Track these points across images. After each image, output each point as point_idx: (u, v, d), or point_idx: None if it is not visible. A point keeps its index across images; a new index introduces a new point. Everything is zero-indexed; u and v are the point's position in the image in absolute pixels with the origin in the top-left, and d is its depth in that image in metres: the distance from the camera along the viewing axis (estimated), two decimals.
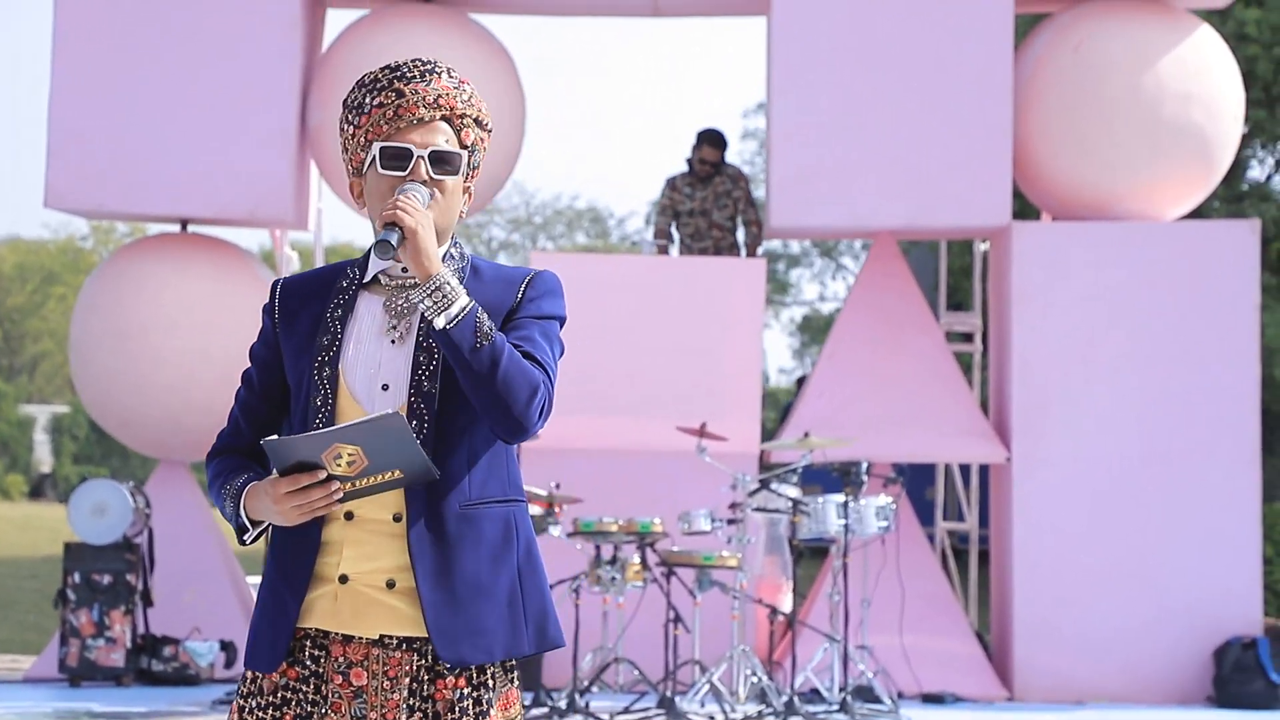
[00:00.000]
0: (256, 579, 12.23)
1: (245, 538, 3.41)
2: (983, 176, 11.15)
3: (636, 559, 9.64)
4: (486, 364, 3.27)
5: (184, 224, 11.79)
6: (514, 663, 3.46)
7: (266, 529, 3.42)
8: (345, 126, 3.49)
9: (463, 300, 3.28)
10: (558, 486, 9.81)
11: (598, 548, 9.59)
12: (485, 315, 3.30)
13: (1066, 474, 11.02)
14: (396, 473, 3.25)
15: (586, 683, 9.60)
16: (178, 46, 11.31)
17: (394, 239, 3.28)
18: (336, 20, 12.25)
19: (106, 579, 10.72)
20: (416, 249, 3.28)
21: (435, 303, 3.27)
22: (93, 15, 11.32)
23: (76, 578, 10.75)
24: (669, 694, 9.36)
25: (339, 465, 3.23)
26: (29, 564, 20.86)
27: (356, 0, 12.03)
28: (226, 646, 10.96)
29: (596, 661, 9.93)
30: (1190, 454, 11.01)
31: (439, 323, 3.27)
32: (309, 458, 3.23)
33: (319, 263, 13.76)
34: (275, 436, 3.24)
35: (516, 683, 3.48)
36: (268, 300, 3.55)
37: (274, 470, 3.31)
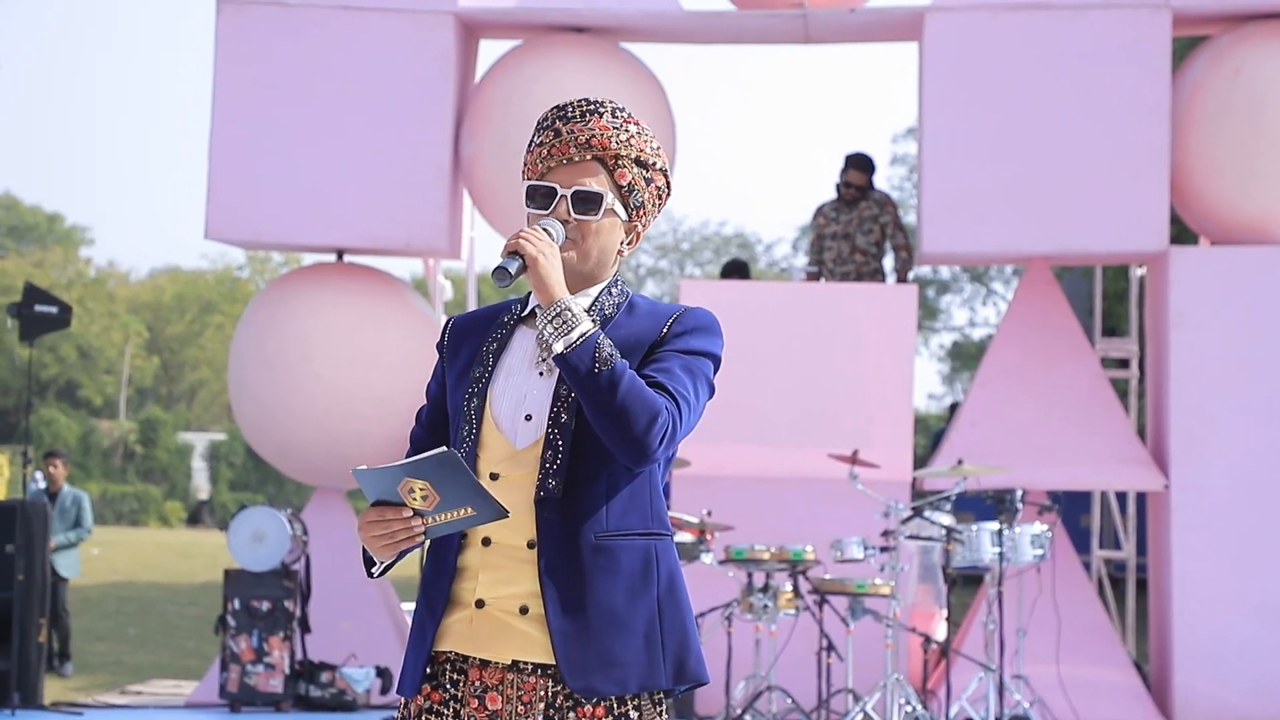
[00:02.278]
0: (411, 605, 12.36)
1: (373, 571, 3.48)
2: (1140, 201, 11.02)
3: (789, 587, 9.61)
4: (604, 388, 3.29)
5: (340, 254, 11.95)
6: (662, 695, 3.45)
7: (394, 564, 3.49)
8: (522, 164, 3.58)
9: (584, 326, 3.31)
10: (709, 514, 9.81)
11: (750, 575, 9.58)
12: (608, 341, 3.33)
13: (1226, 501, 10.85)
14: (469, 510, 3.29)
15: (739, 711, 9.59)
16: (333, 80, 11.47)
17: (512, 267, 3.34)
18: (489, 51, 12.37)
19: (265, 605, 10.87)
20: (537, 276, 3.33)
21: (555, 328, 3.31)
22: (251, 51, 11.52)
23: (236, 604, 10.90)
24: None
25: (415, 499, 3.28)
26: (188, 590, 21.22)
27: (509, 31, 12.14)
28: (382, 673, 11.07)
29: (749, 690, 9.91)
30: None
31: (557, 347, 3.31)
32: (386, 490, 3.30)
33: (471, 291, 13.88)
34: (363, 467, 3.31)
35: (666, 715, 3.48)
36: (439, 339, 3.63)
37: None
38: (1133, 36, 11.09)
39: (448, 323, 3.64)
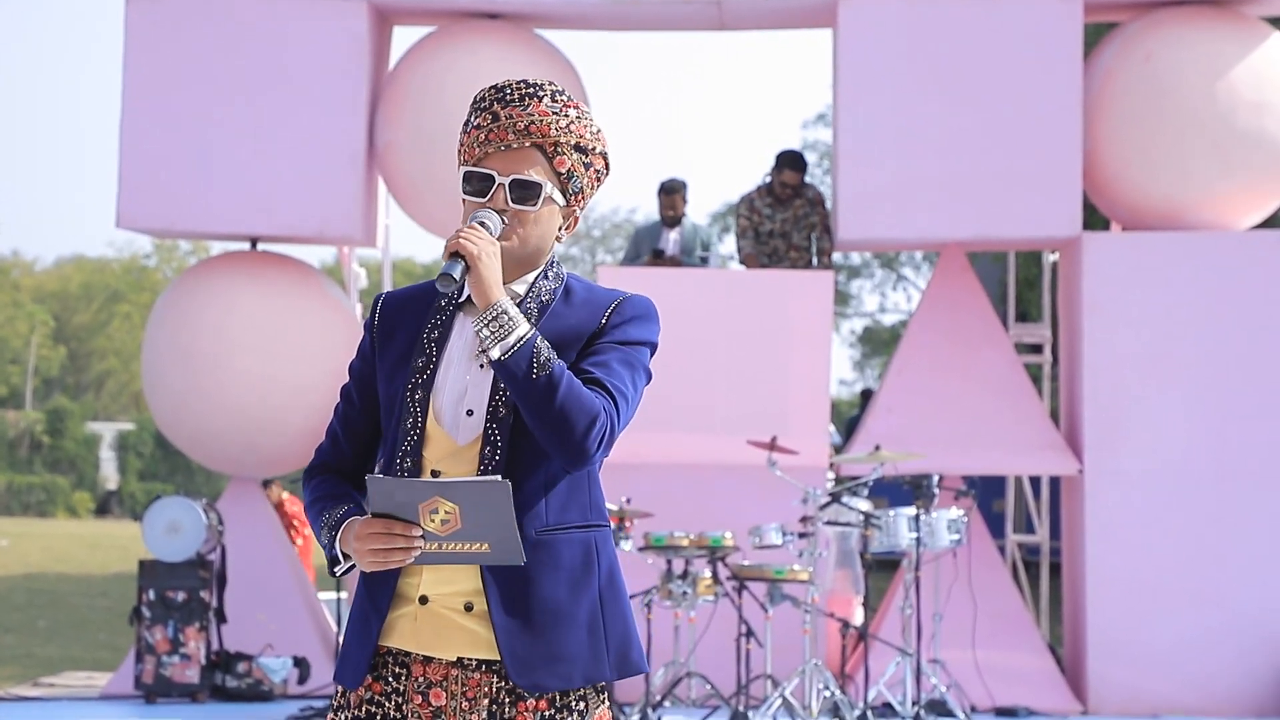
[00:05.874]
0: (328, 595, 12.30)
1: (336, 570, 3.42)
2: (1053, 188, 11.10)
3: (708, 573, 9.63)
4: (542, 393, 3.25)
5: (254, 242, 11.85)
6: (603, 685, 3.45)
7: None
8: (458, 143, 3.50)
9: (520, 330, 3.27)
10: (629, 501, 9.82)
11: (669, 562, 9.59)
12: (545, 344, 3.28)
13: (1139, 485, 10.95)
14: (484, 546, 3.23)
15: (659, 698, 9.60)
16: (246, 66, 11.37)
17: (457, 271, 3.27)
18: (403, 38, 12.31)
19: (181, 596, 10.78)
20: (477, 277, 3.28)
21: (492, 332, 3.26)
22: (162, 37, 11.40)
23: (151, 595, 10.80)
24: (741, 708, 9.35)
25: (433, 520, 3.22)
26: (100, 581, 21.02)
27: (423, 17, 12.08)
28: (300, 663, 11.00)
29: (668, 676, 9.93)
30: (1264, 465, 10.93)
31: (494, 353, 3.26)
32: (407, 503, 3.22)
33: (386, 278, 13.81)
34: (379, 475, 3.24)
35: (607, 703, 3.48)
36: (368, 316, 3.56)
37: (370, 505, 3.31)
38: (1045, 23, 11.17)
39: (379, 299, 3.57)
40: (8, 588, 19.88)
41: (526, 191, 3.40)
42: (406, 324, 3.49)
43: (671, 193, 12.38)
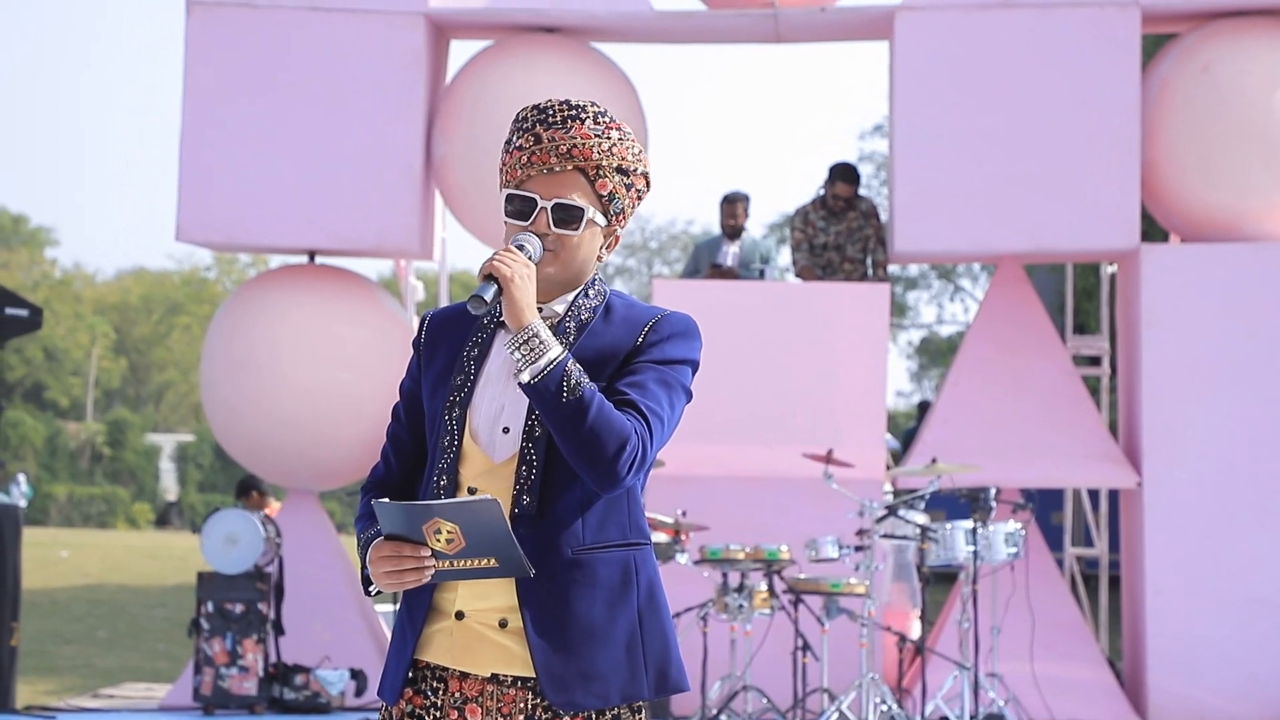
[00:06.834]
0: (385, 608, 12.33)
1: (370, 589, 3.43)
2: (1110, 199, 11.05)
3: (764, 586, 9.61)
4: (571, 417, 3.25)
5: (312, 255, 11.91)
6: (640, 704, 3.44)
7: None
8: (500, 160, 3.50)
9: (552, 353, 3.26)
10: (684, 514, 9.81)
11: (725, 575, 9.58)
12: (576, 368, 3.28)
13: (1198, 498, 10.88)
14: (491, 561, 3.24)
15: (715, 711, 9.59)
16: (304, 81, 11.43)
17: (489, 294, 3.27)
18: (460, 51, 12.35)
19: (239, 608, 10.83)
20: (510, 299, 3.28)
21: (524, 355, 3.26)
22: (222, 51, 11.48)
23: (210, 607, 10.85)
24: None
25: (438, 540, 3.23)
26: (158, 592, 21.13)
27: (480, 31, 12.12)
28: (357, 675, 11.03)
29: (724, 690, 9.91)
30: None
31: (524, 376, 3.26)
32: (411, 526, 3.24)
33: (443, 291, 13.84)
34: (385, 500, 3.26)
35: None
36: (416, 334, 3.58)
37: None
38: (1102, 34, 11.12)
39: (425, 317, 3.59)
40: (68, 598, 20.01)
41: (569, 215, 3.40)
42: (449, 341, 3.51)
43: (733, 202, 12.40)
